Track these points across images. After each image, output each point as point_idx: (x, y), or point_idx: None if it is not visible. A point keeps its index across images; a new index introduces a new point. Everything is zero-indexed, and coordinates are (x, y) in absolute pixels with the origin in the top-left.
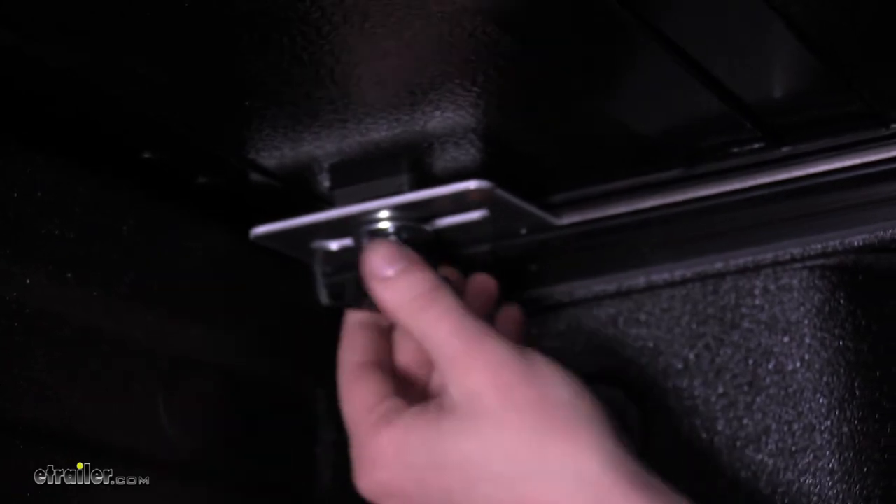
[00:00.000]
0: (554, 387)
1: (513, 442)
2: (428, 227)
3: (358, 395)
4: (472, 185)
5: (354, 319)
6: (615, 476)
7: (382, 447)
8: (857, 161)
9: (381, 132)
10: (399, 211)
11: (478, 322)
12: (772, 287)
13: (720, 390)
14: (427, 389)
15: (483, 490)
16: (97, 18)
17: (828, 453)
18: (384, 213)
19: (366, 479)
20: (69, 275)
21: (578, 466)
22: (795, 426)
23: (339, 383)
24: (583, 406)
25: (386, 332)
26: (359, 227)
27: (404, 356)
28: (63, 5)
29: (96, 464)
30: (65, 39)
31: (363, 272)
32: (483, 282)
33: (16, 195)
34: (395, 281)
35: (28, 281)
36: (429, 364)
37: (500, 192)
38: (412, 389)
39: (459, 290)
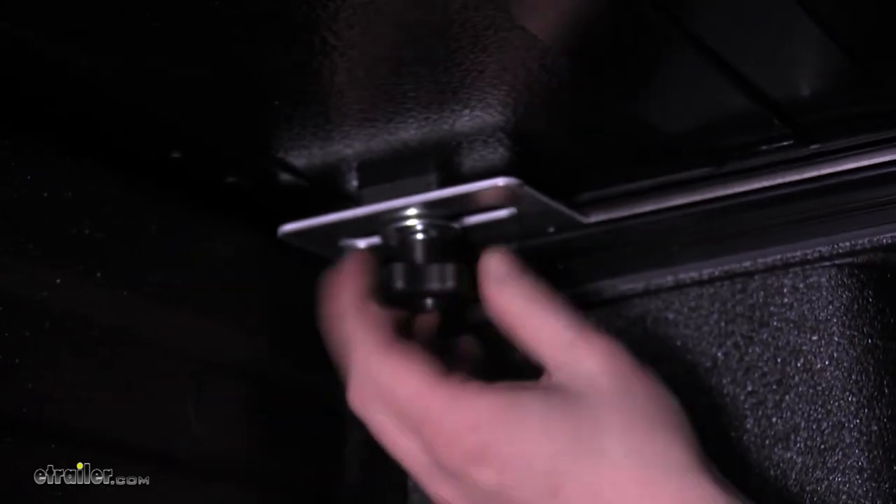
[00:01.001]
0: (658, 382)
1: (624, 423)
2: (456, 225)
3: (415, 370)
4: (500, 182)
5: (351, 302)
6: (707, 476)
7: (483, 409)
8: (887, 158)
9: (409, 131)
10: (427, 208)
11: (579, 317)
12: (800, 285)
13: (749, 388)
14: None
15: (587, 464)
16: (124, 20)
17: (857, 451)
18: (412, 211)
19: (452, 448)
20: (98, 275)
21: (678, 460)
22: (824, 424)
23: (379, 369)
24: (676, 406)
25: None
26: (387, 225)
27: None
28: (90, 7)
29: (124, 465)
30: (91, 42)
31: (482, 277)
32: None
33: (45, 195)
34: (512, 284)
35: (57, 281)
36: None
37: (527, 189)
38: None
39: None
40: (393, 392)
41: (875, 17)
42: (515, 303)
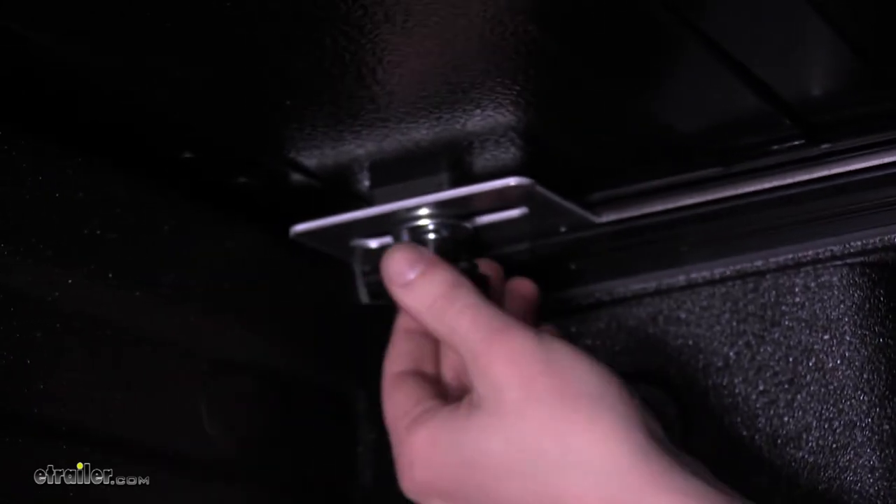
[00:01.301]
0: (577, 376)
1: (536, 434)
2: (468, 225)
3: (396, 400)
4: (511, 181)
5: (402, 326)
6: (644, 468)
7: (417, 448)
8: None
9: (421, 131)
10: (439, 208)
11: (498, 314)
12: (812, 284)
13: (760, 388)
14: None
15: (514, 484)
16: (136, 20)
17: (868, 450)
18: (424, 211)
19: (406, 481)
20: (110, 275)
21: (604, 458)
22: (836, 423)
23: (382, 391)
24: (609, 395)
25: (432, 338)
26: (398, 225)
27: (448, 361)
28: (101, 8)
29: (135, 465)
30: (103, 42)
31: (384, 280)
32: (521, 286)
33: (57, 196)
34: (414, 285)
35: (69, 281)
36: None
37: (539, 188)
38: (456, 395)
39: (499, 290)
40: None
41: (886, 18)
42: (422, 306)
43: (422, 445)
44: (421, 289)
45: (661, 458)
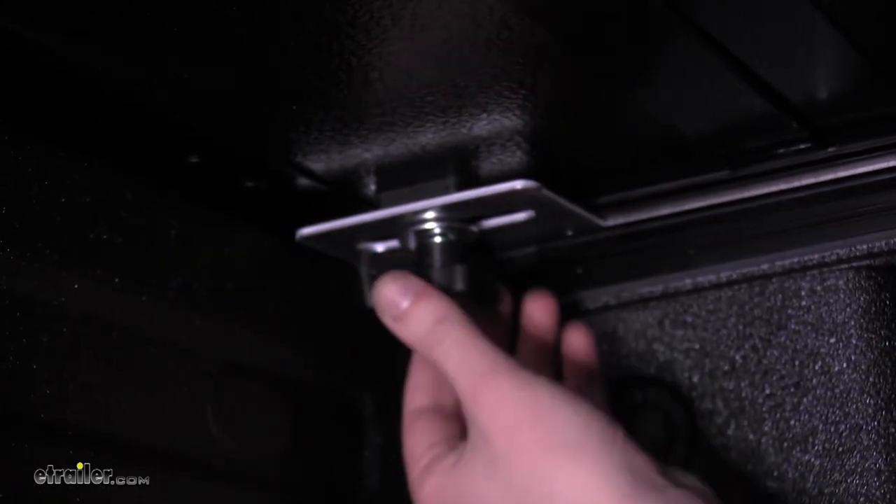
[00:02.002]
0: (561, 424)
1: (525, 482)
2: (474, 228)
3: (411, 442)
4: (518, 184)
5: (421, 356)
6: None
7: (427, 496)
8: None
9: (427, 135)
10: (445, 211)
11: (486, 351)
12: (818, 288)
13: (767, 391)
14: None
15: None
16: (143, 24)
17: (875, 454)
18: (430, 214)
19: None
20: (116, 279)
21: (596, 499)
22: (842, 427)
23: (402, 428)
24: (591, 440)
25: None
26: (405, 229)
27: None
28: (108, 11)
29: (145, 468)
30: (110, 46)
31: (380, 315)
32: (540, 315)
33: (63, 200)
34: (406, 318)
35: (76, 286)
36: None
37: (546, 192)
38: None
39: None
40: None
41: (893, 19)
42: (415, 338)
43: (431, 493)
44: (412, 321)
45: (646, 493)
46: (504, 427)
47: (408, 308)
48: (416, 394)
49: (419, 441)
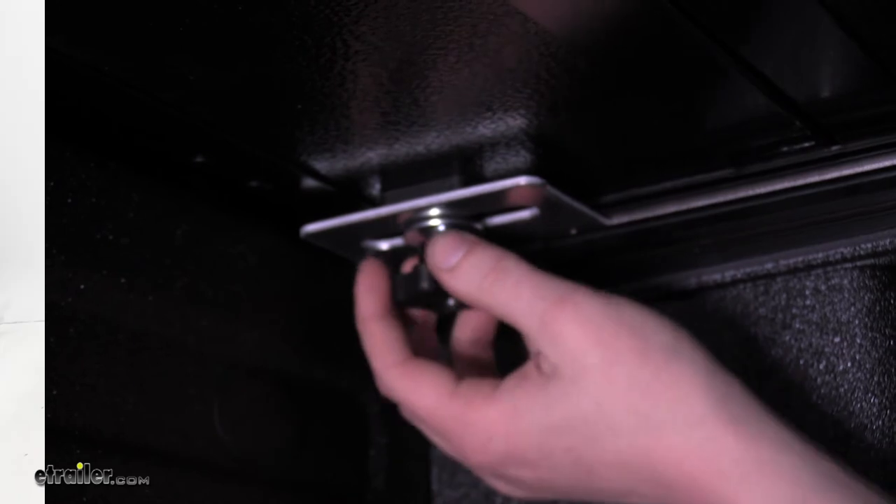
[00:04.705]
0: (652, 332)
1: (624, 394)
2: (478, 226)
3: (427, 388)
4: (522, 181)
5: (368, 314)
6: (723, 415)
7: (492, 422)
8: None
9: (432, 134)
10: (450, 208)
11: (556, 280)
12: (822, 287)
13: (771, 390)
14: (484, 369)
15: (606, 444)
16: (150, 24)
17: (879, 452)
18: (434, 211)
19: (480, 455)
20: (123, 280)
21: (687, 410)
22: (847, 425)
23: (394, 386)
24: (683, 348)
25: (401, 324)
26: (409, 226)
27: (462, 337)
28: (115, 12)
29: (151, 468)
30: (116, 46)
31: (432, 270)
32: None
33: (70, 201)
34: (460, 268)
35: (82, 286)
36: (483, 344)
37: (550, 189)
38: (471, 371)
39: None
40: (411, 407)
41: None
42: (472, 285)
43: (498, 418)
44: (468, 270)
45: (740, 403)
46: (595, 340)
47: (461, 260)
48: (391, 351)
49: (438, 383)
